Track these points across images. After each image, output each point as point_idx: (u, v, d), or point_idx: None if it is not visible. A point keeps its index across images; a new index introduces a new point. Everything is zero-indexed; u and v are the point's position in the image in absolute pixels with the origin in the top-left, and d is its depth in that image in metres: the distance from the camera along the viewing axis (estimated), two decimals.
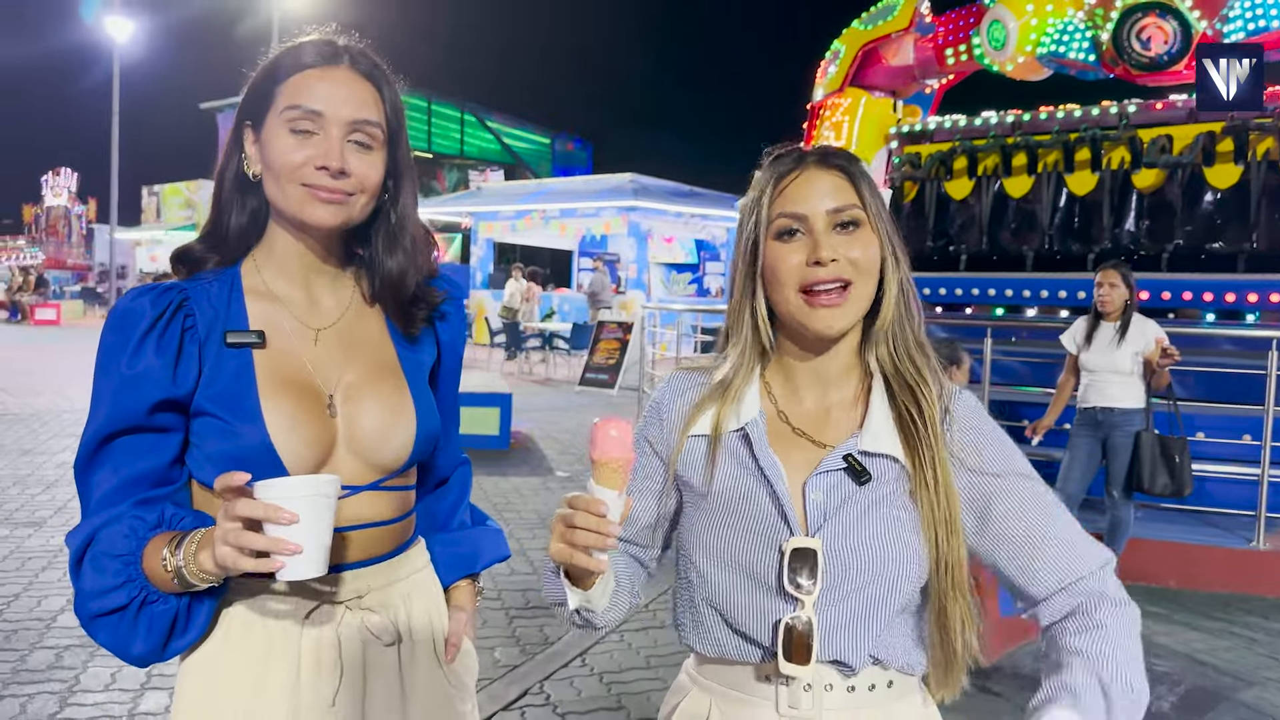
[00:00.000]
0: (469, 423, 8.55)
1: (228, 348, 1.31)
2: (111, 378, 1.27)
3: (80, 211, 40.47)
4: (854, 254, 1.24)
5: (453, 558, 1.57)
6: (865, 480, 1.24)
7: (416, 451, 1.42)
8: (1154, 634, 4.68)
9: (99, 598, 1.21)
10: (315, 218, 1.31)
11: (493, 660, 4.08)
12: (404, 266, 1.43)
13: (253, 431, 1.28)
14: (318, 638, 1.34)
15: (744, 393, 1.31)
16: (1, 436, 8.75)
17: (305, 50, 1.33)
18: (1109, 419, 5.29)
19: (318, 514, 1.14)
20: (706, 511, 1.29)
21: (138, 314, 1.28)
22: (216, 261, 1.38)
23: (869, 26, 10.70)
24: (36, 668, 3.81)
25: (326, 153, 1.29)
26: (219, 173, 1.38)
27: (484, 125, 32.82)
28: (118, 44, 29.98)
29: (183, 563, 1.17)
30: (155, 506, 1.25)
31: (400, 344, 1.47)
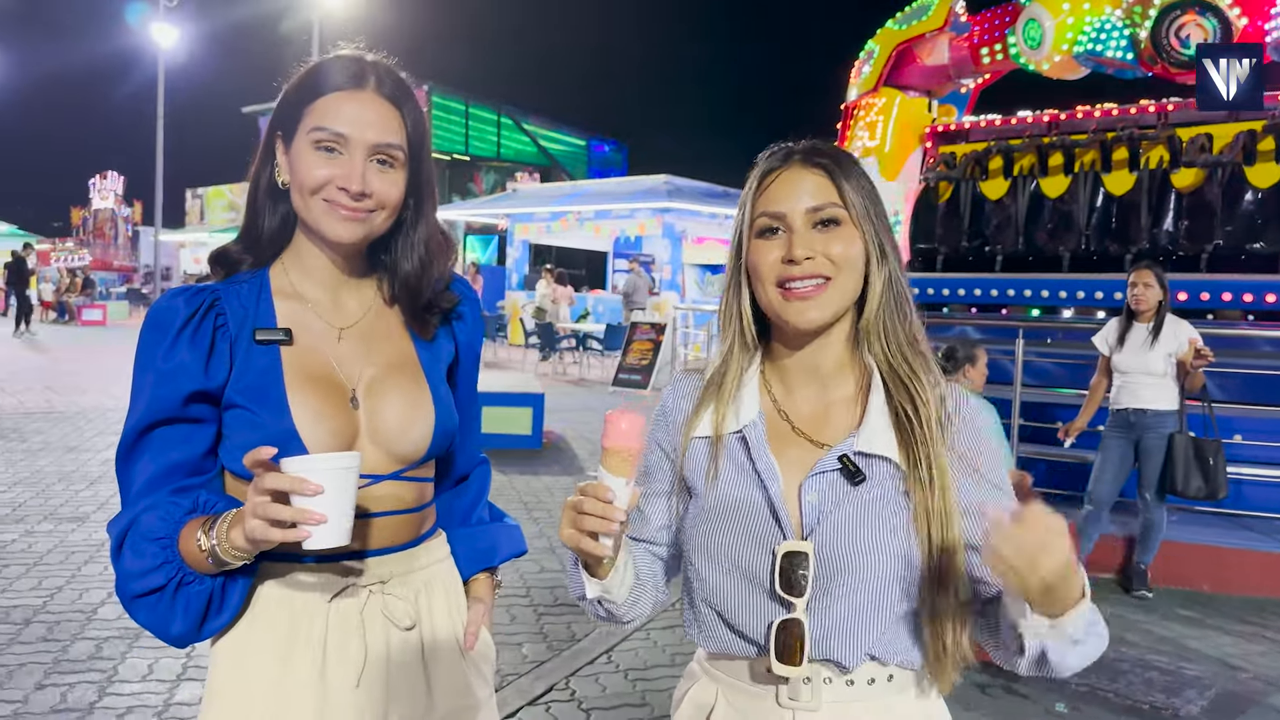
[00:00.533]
0: (502, 422, 8.64)
1: (257, 344, 1.39)
2: (149, 372, 1.35)
3: (126, 214, 41.16)
4: (834, 250, 1.26)
5: (472, 551, 1.62)
6: (859, 481, 1.26)
7: (435, 443, 1.48)
8: (1185, 637, 4.63)
9: (139, 579, 1.28)
10: (335, 233, 1.38)
11: (520, 656, 4.13)
12: (418, 273, 1.49)
13: (280, 422, 1.35)
14: (343, 620, 1.40)
15: (742, 392, 1.34)
16: (48, 434, 8.95)
17: (333, 71, 1.39)
18: (1142, 421, 5.24)
19: (341, 486, 1.20)
20: (705, 513, 1.32)
21: (173, 312, 1.36)
22: (250, 263, 1.46)
23: (903, 26, 10.64)
24: (77, 658, 3.92)
25: (349, 175, 1.35)
26: (252, 179, 1.46)
27: (520, 128, 33.01)
28: (162, 50, 30.52)
29: (216, 542, 1.24)
30: (190, 494, 1.33)
31: (419, 342, 1.53)
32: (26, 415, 10.03)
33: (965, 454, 1.28)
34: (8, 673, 3.75)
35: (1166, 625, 4.80)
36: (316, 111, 1.37)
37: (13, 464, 7.59)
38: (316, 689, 1.38)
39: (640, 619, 1.40)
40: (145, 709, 3.49)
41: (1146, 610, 5.04)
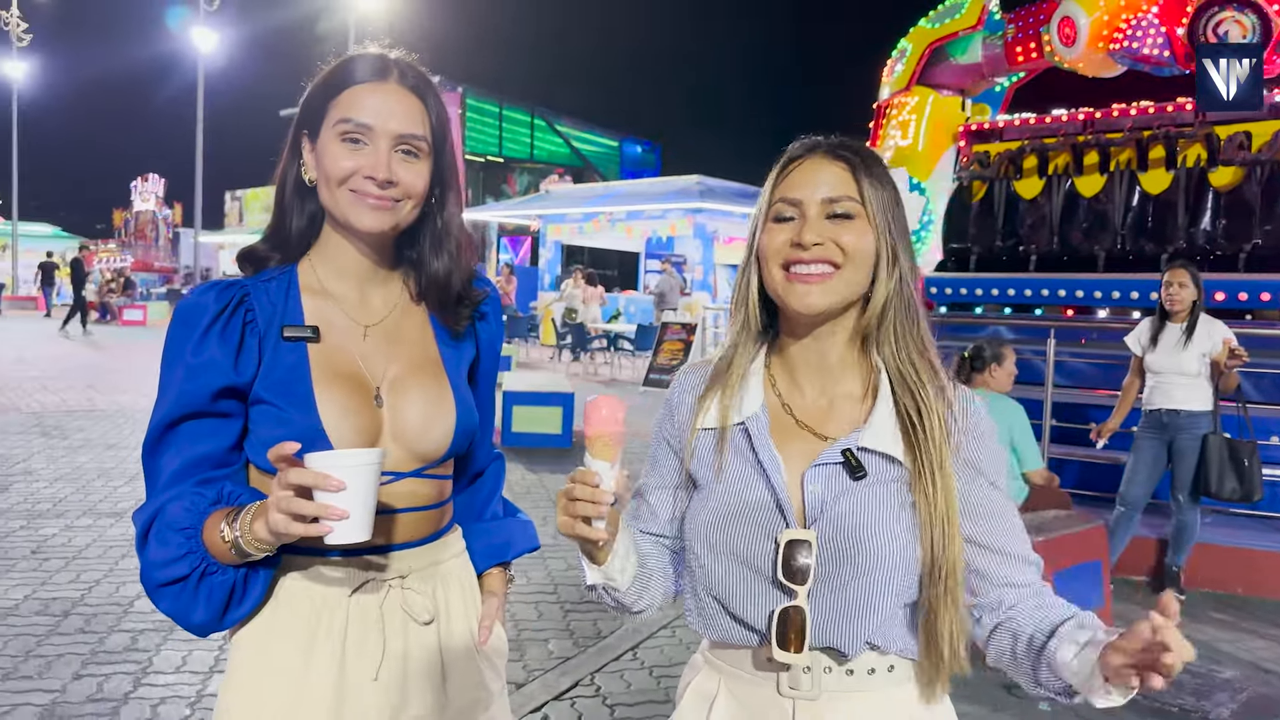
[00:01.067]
0: (533, 421, 8.69)
1: (284, 341, 1.41)
2: (178, 366, 1.37)
3: (167, 216, 41.83)
4: (844, 239, 1.28)
5: (486, 547, 1.65)
6: (860, 476, 1.27)
7: (455, 443, 1.51)
8: (1217, 640, 4.57)
9: (163, 568, 1.31)
10: (363, 223, 1.40)
11: (547, 652, 4.17)
12: (449, 268, 1.52)
13: (306, 418, 1.37)
14: (363, 614, 1.42)
15: (748, 384, 1.36)
16: (89, 431, 9.13)
17: (357, 65, 1.42)
18: (1175, 421, 5.18)
19: (363, 482, 1.22)
20: (708, 503, 1.33)
21: (202, 308, 1.39)
22: (278, 260, 1.48)
23: (936, 25, 10.58)
24: (113, 649, 4.00)
25: (375, 164, 1.38)
26: (279, 178, 1.48)
27: (553, 129, 33.14)
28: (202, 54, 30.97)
29: (239, 533, 1.26)
30: (215, 485, 1.35)
31: (443, 342, 1.55)
32: (69, 413, 10.23)
33: (969, 458, 1.30)
34: (46, 663, 3.84)
35: (1198, 628, 4.74)
36: (341, 105, 1.40)
37: (54, 460, 7.75)
38: (336, 681, 1.40)
39: (651, 608, 1.41)
40: (178, 700, 3.56)
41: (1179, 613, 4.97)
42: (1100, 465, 6.29)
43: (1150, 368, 5.28)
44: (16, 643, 4.03)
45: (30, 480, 7.02)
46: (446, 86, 29.66)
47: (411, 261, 1.53)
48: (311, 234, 1.49)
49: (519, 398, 8.92)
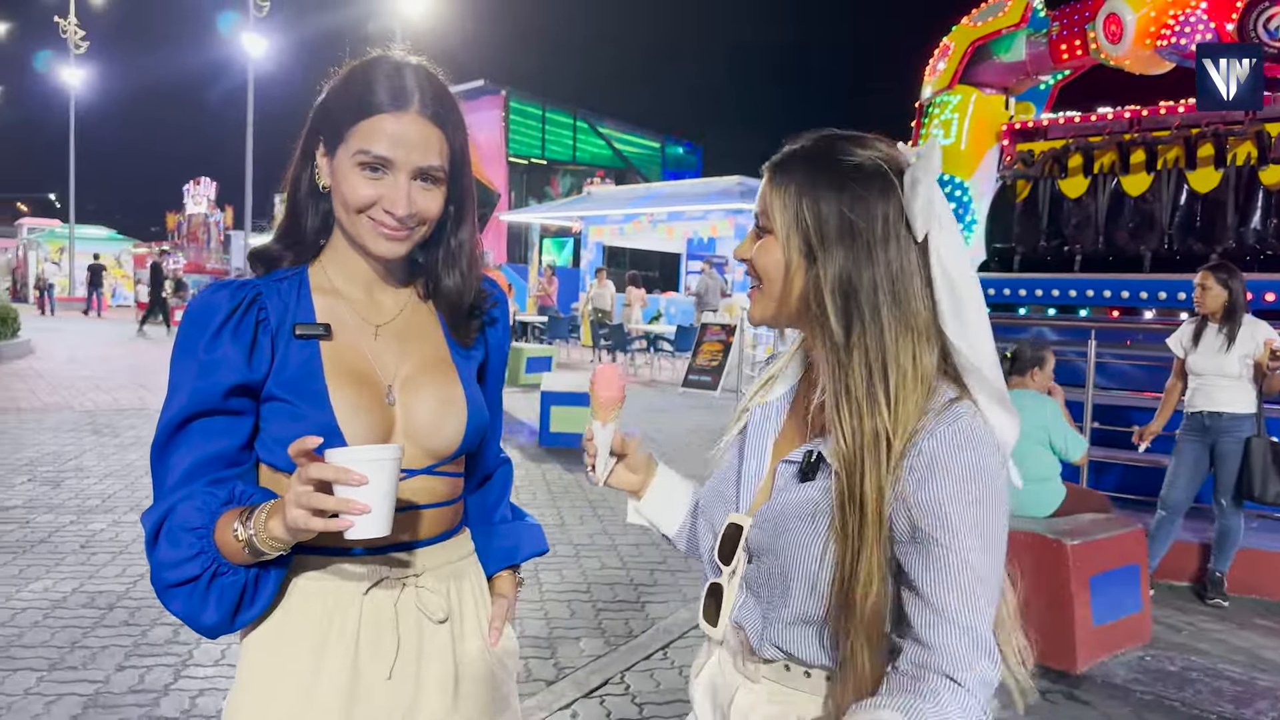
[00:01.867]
0: (571, 422, 8.73)
1: (296, 339, 1.42)
2: (190, 364, 1.37)
3: (218, 219, 42.56)
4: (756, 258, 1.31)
5: (496, 549, 1.66)
6: (807, 479, 1.25)
7: (467, 439, 1.52)
8: (1260, 648, 4.49)
9: (174, 568, 1.30)
10: (380, 250, 1.42)
11: (578, 650, 4.20)
12: (460, 286, 1.54)
13: (320, 415, 1.38)
14: (376, 613, 1.43)
15: (786, 373, 1.40)
16: (139, 429, 9.34)
17: (377, 89, 1.40)
18: (1217, 424, 5.09)
19: (384, 476, 1.22)
20: (711, 469, 1.44)
21: (215, 306, 1.39)
22: (291, 261, 1.50)
23: (979, 23, 10.47)
24: (155, 642, 4.10)
25: (394, 198, 1.38)
26: (292, 179, 1.49)
27: (596, 131, 33.23)
28: (252, 58, 31.49)
29: (253, 532, 1.26)
30: (226, 485, 1.35)
31: (452, 341, 1.57)
32: (119, 411, 10.47)
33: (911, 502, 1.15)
34: (91, 654, 3.95)
35: (1241, 635, 4.65)
36: (361, 133, 1.39)
37: (105, 457, 7.94)
38: (349, 681, 1.40)
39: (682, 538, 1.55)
40: (217, 692, 3.64)
41: (1221, 619, 4.89)
42: (1141, 468, 6.19)
43: (1192, 369, 5.20)
44: (64, 634, 4.15)
45: (81, 477, 7.20)
46: (490, 90, 29.86)
47: (422, 269, 1.55)
48: (324, 234, 1.51)
49: (557, 398, 8.97)
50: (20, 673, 3.74)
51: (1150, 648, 4.40)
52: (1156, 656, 4.31)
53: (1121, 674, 4.09)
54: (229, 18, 34.41)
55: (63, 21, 39.28)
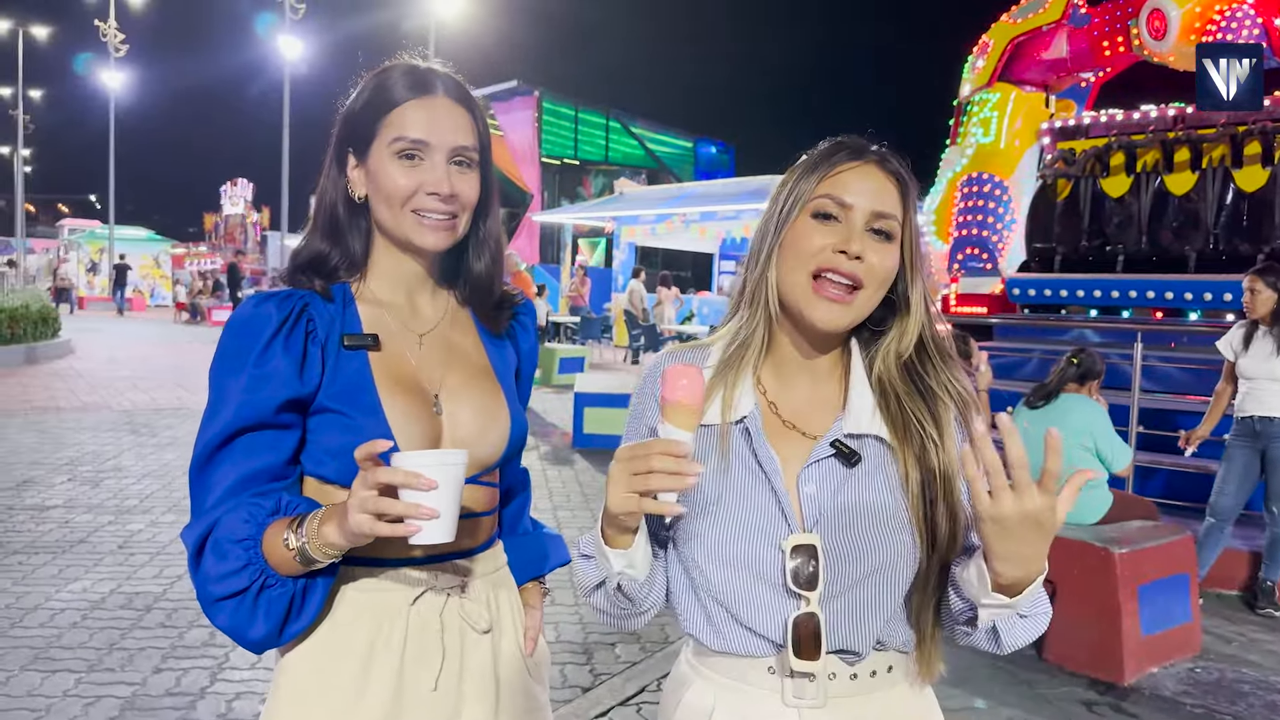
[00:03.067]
0: (604, 423, 8.70)
1: (345, 349, 1.40)
2: (239, 377, 1.34)
3: (255, 219, 43.00)
4: (875, 259, 1.24)
5: (523, 560, 1.64)
6: (855, 462, 1.25)
7: (509, 448, 1.51)
8: None
9: (221, 581, 1.27)
10: (427, 243, 1.41)
11: (614, 656, 4.16)
12: (490, 271, 1.53)
13: (375, 425, 1.36)
14: (422, 623, 1.41)
15: (739, 381, 1.30)
16: (176, 429, 9.42)
17: (402, 82, 1.41)
18: (1268, 429, 4.96)
19: (451, 483, 1.20)
20: (705, 507, 1.26)
21: (264, 318, 1.37)
22: (344, 277, 1.47)
23: (1018, 20, 10.33)
24: (192, 644, 4.11)
25: (436, 179, 1.38)
26: (327, 197, 1.46)
27: (628, 131, 33.20)
28: (288, 60, 31.79)
29: (305, 540, 1.23)
30: (272, 496, 1.32)
31: (491, 349, 1.56)
32: (157, 411, 10.58)
33: None
34: (129, 656, 3.96)
35: None
36: (393, 124, 1.39)
37: (143, 457, 8.01)
38: (394, 693, 1.38)
39: (654, 609, 1.32)
40: (253, 695, 3.63)
41: (1272, 629, 4.76)
42: (1189, 474, 6.05)
43: (1242, 373, 5.07)
44: (102, 635, 4.16)
45: (120, 477, 7.26)
46: (523, 90, 29.92)
47: (456, 267, 1.54)
48: (368, 249, 1.49)
49: (590, 399, 8.94)
50: (59, 674, 3.76)
51: (1200, 659, 4.29)
52: (1207, 668, 4.20)
53: (1171, 686, 3.98)
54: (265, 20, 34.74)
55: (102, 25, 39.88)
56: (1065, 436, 2.59)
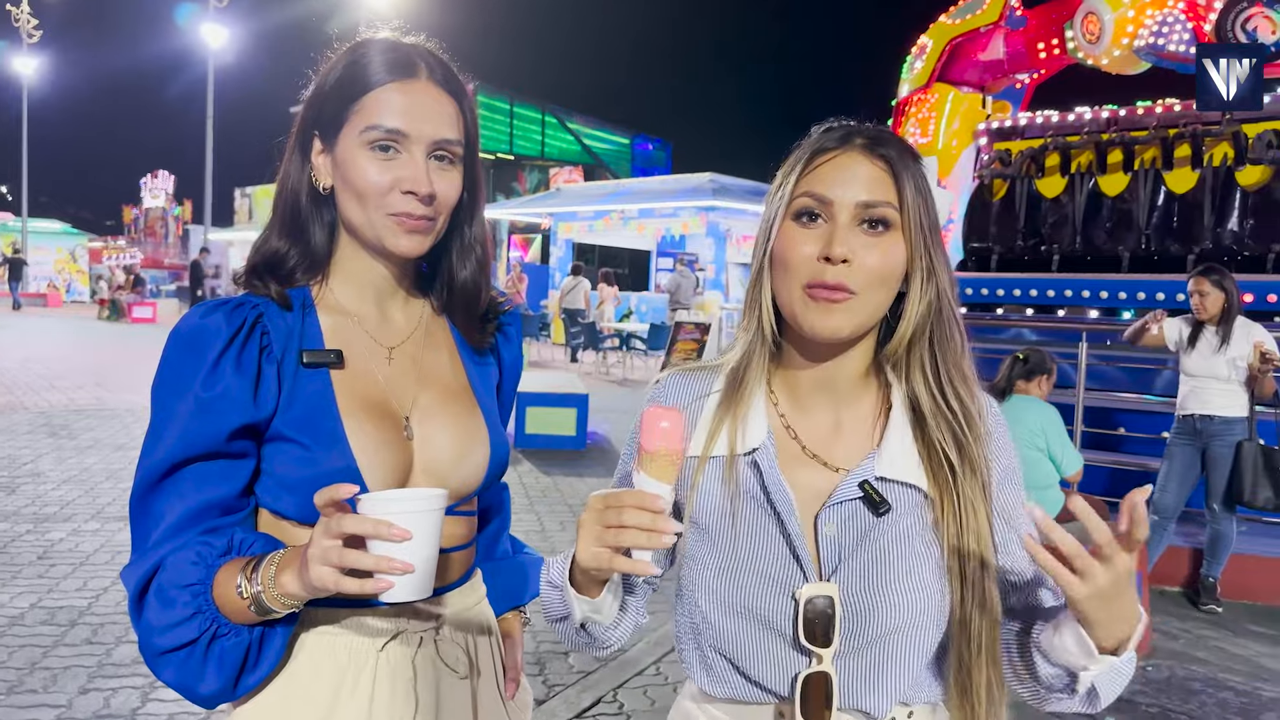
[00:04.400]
0: (546, 423, 8.57)
1: (304, 368, 1.24)
2: (184, 400, 1.18)
3: (176, 213, 41.82)
4: (870, 260, 1.11)
5: (502, 588, 1.51)
6: (884, 512, 1.12)
7: (489, 475, 1.37)
8: (1260, 656, 4.42)
9: (166, 632, 1.13)
10: (401, 247, 1.25)
11: (567, 666, 4.04)
12: (478, 280, 1.38)
13: (337, 456, 1.21)
14: (393, 670, 1.27)
15: (750, 406, 1.19)
16: (97, 431, 9.03)
17: (379, 62, 1.25)
18: (1208, 427, 5.04)
19: (429, 529, 1.06)
20: (712, 550, 1.17)
21: (212, 331, 1.20)
22: (303, 280, 1.31)
23: (957, 20, 10.42)
24: (121, 662, 3.88)
25: (414, 177, 1.22)
26: (288, 186, 1.30)
27: (564, 127, 32.97)
28: (212, 50, 30.94)
29: (261, 588, 1.10)
30: (223, 534, 1.18)
31: (470, 363, 1.41)
32: (77, 412, 10.14)
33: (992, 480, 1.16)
34: (53, 676, 3.73)
35: (1239, 642, 4.59)
36: (367, 109, 1.23)
37: (62, 461, 7.65)
38: None
39: (619, 643, 1.25)
40: (189, 715, 3.44)
41: (1216, 625, 4.83)
42: (1131, 471, 6.13)
43: (1185, 370, 5.13)
44: (22, 654, 3.92)
45: (38, 482, 6.91)
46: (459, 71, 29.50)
47: (435, 273, 1.38)
48: (331, 247, 1.33)
49: (533, 399, 8.79)
50: None
51: (1150, 658, 4.32)
52: (1158, 666, 4.23)
53: None
54: (188, 8, 33.76)
55: (15, 10, 38.38)
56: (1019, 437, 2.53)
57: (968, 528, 1.11)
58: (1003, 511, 1.16)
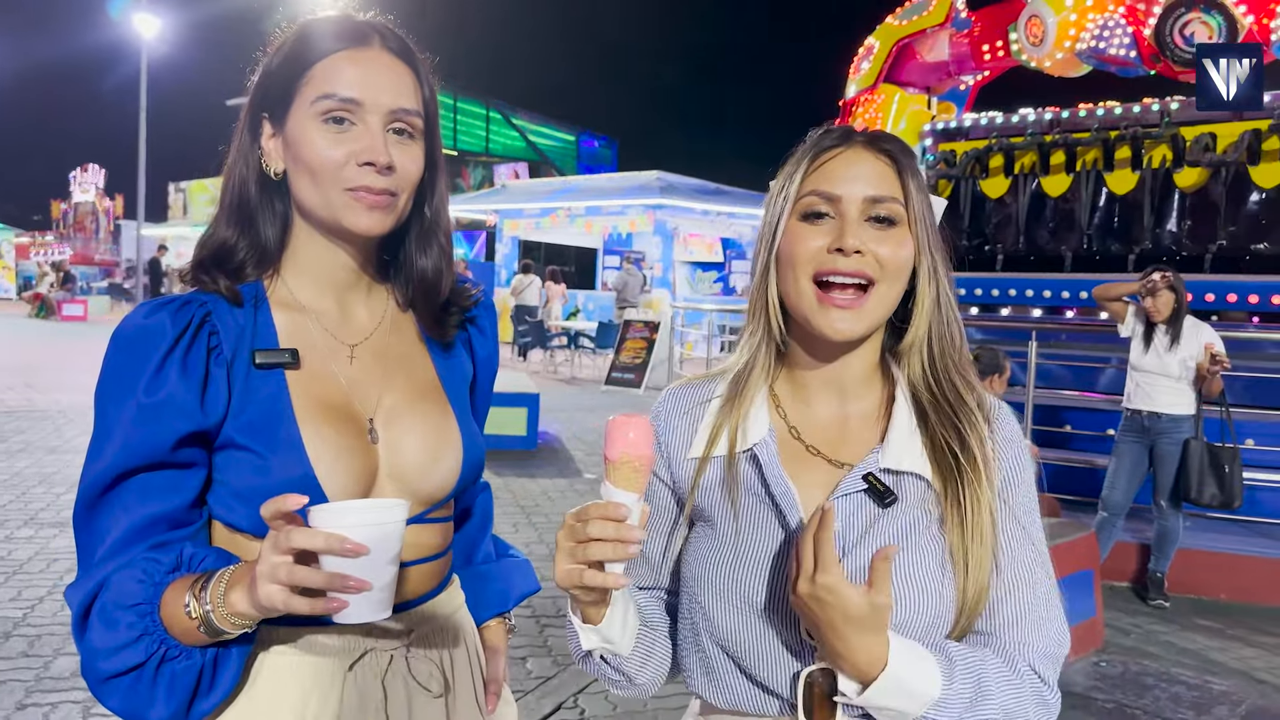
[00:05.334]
0: (496, 423, 8.44)
1: (256, 369, 1.17)
2: (126, 407, 1.11)
3: (108, 207, 40.73)
4: (883, 251, 1.11)
5: (484, 595, 1.44)
6: (890, 502, 1.12)
7: (462, 480, 1.29)
8: (1208, 650, 4.51)
9: (111, 656, 1.06)
10: (360, 225, 1.17)
11: (525, 671, 3.97)
12: (438, 267, 1.30)
13: (293, 464, 1.14)
14: (361, 693, 1.19)
15: (751, 405, 1.19)
16: (28, 434, 8.72)
17: (330, 30, 1.18)
18: (1156, 425, 5.12)
19: (386, 544, 0.99)
20: (714, 545, 1.17)
21: (156, 332, 1.12)
22: (254, 275, 1.23)
23: (904, 21, 10.51)
24: (60, 675, 3.73)
25: (371, 147, 1.14)
26: (236, 174, 1.22)
27: (509, 123, 32.73)
28: (145, 40, 30.15)
29: (210, 607, 1.02)
30: (171, 549, 1.10)
31: (439, 360, 1.34)
32: (7, 414, 9.78)
33: (1001, 484, 1.15)
34: None
35: (1188, 637, 4.68)
36: (318, 78, 1.15)
37: None
38: None
39: (657, 679, 1.22)
40: None
41: (1165, 620, 4.92)
42: (1078, 469, 6.23)
43: (1135, 367, 5.21)
44: None
45: None
46: None
47: (395, 264, 1.31)
48: (284, 238, 1.24)
49: None
50: None
51: (1103, 653, 4.38)
52: (1111, 662, 4.29)
53: (1080, 681, 4.04)
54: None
55: None
56: None
57: (971, 519, 1.11)
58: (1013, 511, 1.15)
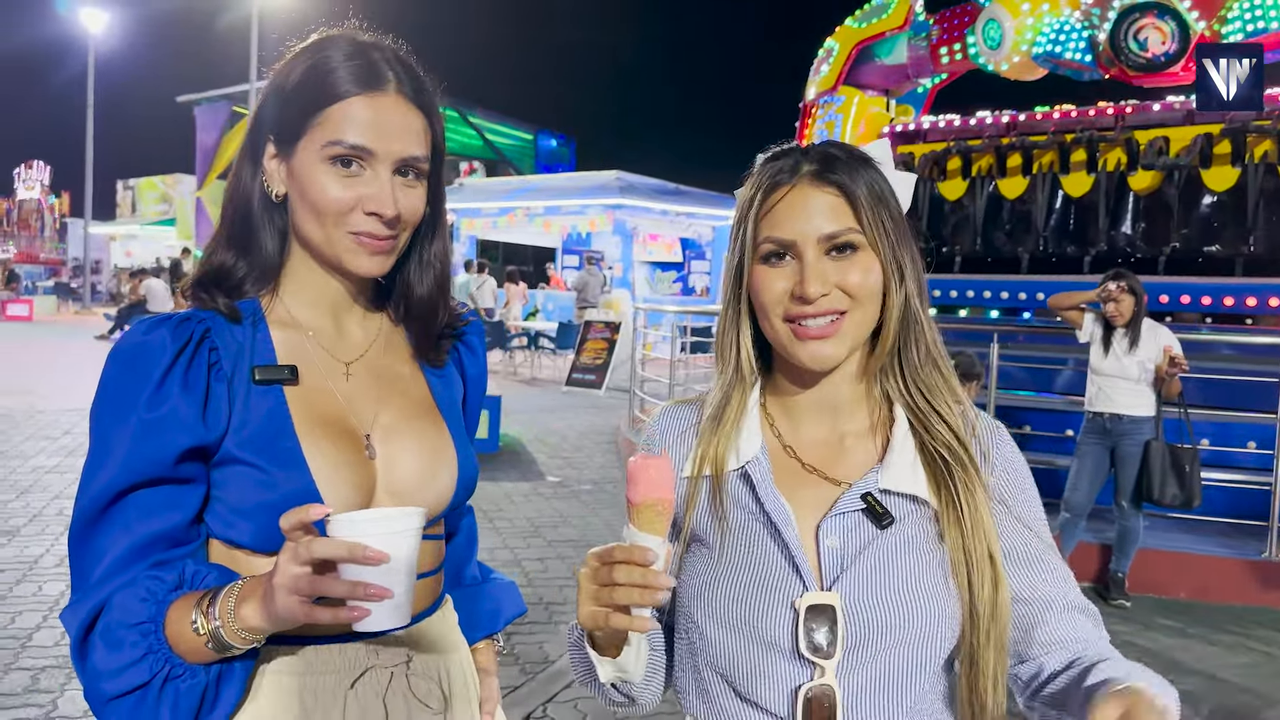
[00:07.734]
0: None
1: (256, 385, 1.17)
2: (127, 423, 1.10)
3: (53, 205, 39.87)
4: (851, 280, 1.11)
5: (473, 616, 1.44)
6: (887, 523, 1.11)
7: (457, 496, 1.29)
8: (1170, 649, 4.56)
9: (115, 677, 1.05)
10: (362, 269, 1.19)
11: None
12: (435, 296, 1.31)
13: (295, 479, 1.13)
14: (363, 710, 1.18)
15: (742, 424, 1.18)
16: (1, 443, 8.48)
17: (345, 70, 1.17)
18: (1117, 427, 5.18)
19: (407, 550, 1.00)
20: (707, 565, 1.16)
21: (156, 348, 1.12)
22: (253, 292, 1.23)
23: (863, 24, 10.57)
24: (11, 691, 3.61)
25: (378, 197, 1.15)
26: (241, 193, 1.23)
27: (466, 121, 32.47)
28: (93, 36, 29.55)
29: (220, 623, 1.02)
30: (173, 566, 1.09)
31: (432, 377, 1.34)
32: None
33: (999, 496, 1.15)
34: None
35: (1149, 636, 4.73)
36: (330, 122, 1.15)
37: None
38: None
39: (656, 698, 1.22)
40: None
41: (1126, 619, 4.97)
42: (1040, 469, 6.24)
43: (1095, 369, 5.27)
44: None
45: None
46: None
47: (392, 285, 1.31)
48: (283, 256, 1.25)
49: None
50: None
51: None
52: None
53: None
54: None
55: None
56: None
57: (970, 535, 1.10)
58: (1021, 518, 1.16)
